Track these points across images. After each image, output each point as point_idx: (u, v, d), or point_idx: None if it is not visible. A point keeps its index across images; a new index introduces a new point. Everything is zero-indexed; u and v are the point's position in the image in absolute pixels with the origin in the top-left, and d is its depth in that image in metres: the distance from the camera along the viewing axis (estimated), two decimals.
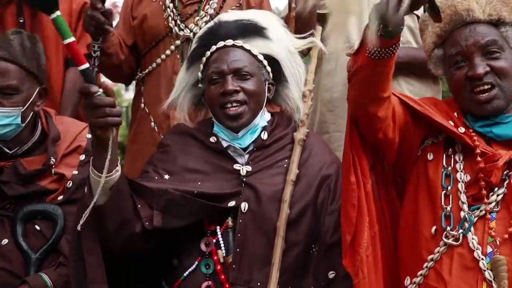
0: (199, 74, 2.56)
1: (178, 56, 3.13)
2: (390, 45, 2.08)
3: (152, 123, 3.15)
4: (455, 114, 2.32)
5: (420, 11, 2.97)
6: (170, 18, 3.15)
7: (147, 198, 2.35)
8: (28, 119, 2.60)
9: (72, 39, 2.09)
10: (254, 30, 2.54)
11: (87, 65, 2.13)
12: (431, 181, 2.26)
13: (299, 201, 2.42)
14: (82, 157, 2.62)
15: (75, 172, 2.60)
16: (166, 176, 2.45)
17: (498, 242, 2.13)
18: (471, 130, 2.27)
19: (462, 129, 2.26)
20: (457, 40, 2.25)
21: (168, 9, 3.16)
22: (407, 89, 3.04)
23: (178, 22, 3.11)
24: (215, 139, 2.52)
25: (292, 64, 2.58)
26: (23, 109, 2.55)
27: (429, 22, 2.31)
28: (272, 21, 2.65)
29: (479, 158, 2.20)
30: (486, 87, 2.22)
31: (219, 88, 2.46)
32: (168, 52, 3.12)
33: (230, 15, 2.66)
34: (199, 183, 2.42)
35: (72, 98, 3.30)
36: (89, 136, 2.61)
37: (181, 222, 2.37)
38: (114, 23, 3.16)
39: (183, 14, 3.12)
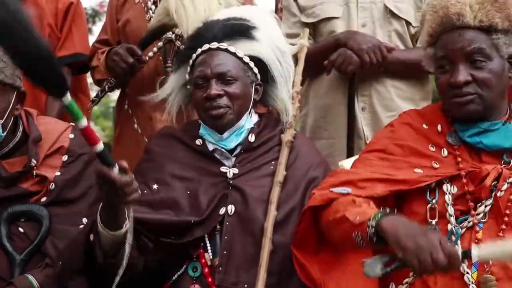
0: (187, 76, 2.54)
1: (161, 58, 3.11)
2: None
3: (136, 125, 3.14)
4: (439, 127, 2.28)
5: (410, 15, 3.00)
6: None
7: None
8: (9, 125, 2.53)
9: (85, 122, 1.93)
10: (241, 31, 2.50)
11: (102, 145, 2.00)
12: None
13: (286, 203, 2.40)
14: (65, 157, 2.56)
15: (58, 173, 2.53)
16: (155, 186, 2.42)
17: (490, 262, 2.09)
18: (456, 148, 2.23)
19: (445, 152, 2.23)
20: (445, 44, 2.21)
21: (150, 11, 3.15)
22: (395, 94, 3.02)
23: None
24: (201, 142, 2.50)
25: (281, 64, 2.54)
26: (2, 121, 2.48)
27: (427, 17, 2.26)
28: (264, 18, 2.61)
29: (464, 180, 2.17)
30: (465, 98, 2.17)
31: (204, 92, 2.44)
32: (150, 54, 3.08)
33: (220, 15, 2.62)
34: (188, 192, 2.39)
35: None
36: (72, 136, 2.58)
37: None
38: (101, 23, 3.16)
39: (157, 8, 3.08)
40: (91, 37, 3.74)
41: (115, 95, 3.45)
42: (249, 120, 2.51)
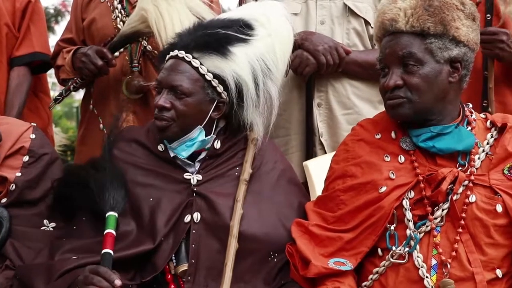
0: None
1: (127, 57, 3.08)
2: None
3: (101, 125, 3.11)
4: (393, 134, 2.29)
5: (369, 15, 2.99)
6: (118, 19, 3.10)
7: None
8: None
9: (113, 232, 2.27)
10: (216, 47, 2.39)
11: (108, 250, 2.21)
12: None
13: (259, 203, 2.37)
14: (26, 158, 2.49)
15: (18, 174, 2.47)
16: None
17: (448, 266, 2.12)
18: (411, 152, 2.24)
19: (402, 158, 2.24)
20: (382, 48, 2.25)
21: (116, 10, 3.12)
22: (352, 92, 2.99)
23: None
24: (163, 147, 2.44)
25: (258, 87, 2.41)
26: None
27: (375, 22, 2.30)
28: (276, 27, 2.49)
29: (422, 185, 2.18)
30: (395, 100, 2.21)
31: (158, 98, 2.38)
32: (116, 53, 3.04)
33: (231, 14, 2.52)
34: (151, 199, 2.34)
35: (17, 98, 3.22)
36: (34, 136, 2.52)
37: None
38: (64, 22, 3.13)
39: (132, 14, 3.03)
40: (54, 36, 3.70)
41: (79, 95, 3.41)
42: (202, 133, 2.40)
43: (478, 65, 2.89)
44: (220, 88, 2.40)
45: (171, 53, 2.41)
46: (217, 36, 2.41)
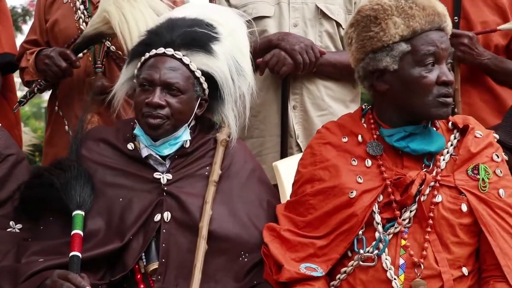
0: (135, 71, 2.42)
1: (90, 58, 3.05)
2: None
3: (66, 127, 3.07)
4: (360, 138, 2.29)
5: (341, 17, 3.02)
6: (81, 20, 3.07)
7: None
8: None
9: (80, 232, 2.25)
10: (201, 43, 2.39)
11: (76, 253, 2.20)
12: None
13: (229, 203, 2.36)
14: None
15: None
16: None
17: (422, 266, 2.14)
18: (378, 157, 2.25)
19: (369, 162, 2.24)
20: (433, 41, 2.18)
21: (79, 11, 3.08)
22: (326, 93, 3.01)
23: None
24: (133, 146, 2.41)
25: (234, 82, 2.43)
26: None
27: (395, 12, 2.20)
28: (234, 26, 2.51)
29: (390, 189, 2.20)
30: (449, 99, 2.19)
31: (147, 96, 2.34)
32: (80, 54, 3.00)
33: (189, 12, 2.50)
34: (121, 199, 2.32)
35: None
36: None
37: None
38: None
39: (94, 15, 3.00)
40: (22, 36, 3.64)
41: (47, 95, 3.37)
42: (187, 132, 2.41)
43: None
44: (205, 85, 2.40)
45: (155, 51, 2.38)
46: (198, 34, 2.40)
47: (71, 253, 2.19)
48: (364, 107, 2.38)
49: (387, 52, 2.21)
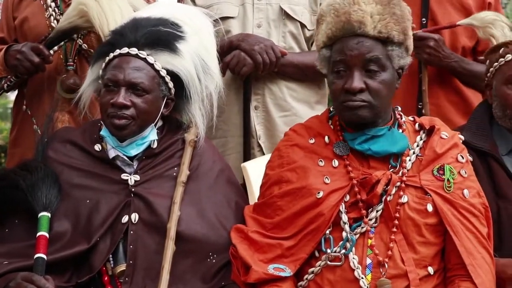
0: (100, 71, 2.40)
1: (61, 56, 3.01)
2: None
3: (35, 126, 3.01)
4: (326, 139, 2.30)
5: (305, 17, 3.03)
6: (52, 17, 3.02)
7: None
8: None
9: (45, 234, 2.23)
10: (165, 42, 2.38)
11: (41, 254, 2.18)
12: None
13: (197, 203, 2.35)
14: None
15: None
16: None
17: (386, 265, 2.16)
18: (344, 157, 2.27)
19: (336, 163, 2.26)
20: (343, 48, 2.21)
21: (50, 9, 3.04)
22: (288, 94, 3.01)
23: None
24: (100, 147, 2.39)
25: (200, 81, 2.43)
26: None
27: (326, 18, 2.26)
28: (200, 24, 2.50)
29: (356, 189, 2.21)
30: (357, 103, 2.20)
31: (111, 96, 2.32)
32: (50, 52, 2.95)
33: (154, 11, 2.48)
34: (88, 201, 2.30)
35: None
36: None
37: None
38: None
39: (68, 9, 2.97)
40: None
41: (14, 95, 3.31)
42: (153, 131, 2.40)
43: (414, 68, 2.93)
44: (171, 84, 2.39)
45: (119, 51, 2.36)
46: (162, 33, 2.39)
47: (36, 255, 2.16)
48: (331, 109, 2.39)
49: (318, 57, 2.31)
